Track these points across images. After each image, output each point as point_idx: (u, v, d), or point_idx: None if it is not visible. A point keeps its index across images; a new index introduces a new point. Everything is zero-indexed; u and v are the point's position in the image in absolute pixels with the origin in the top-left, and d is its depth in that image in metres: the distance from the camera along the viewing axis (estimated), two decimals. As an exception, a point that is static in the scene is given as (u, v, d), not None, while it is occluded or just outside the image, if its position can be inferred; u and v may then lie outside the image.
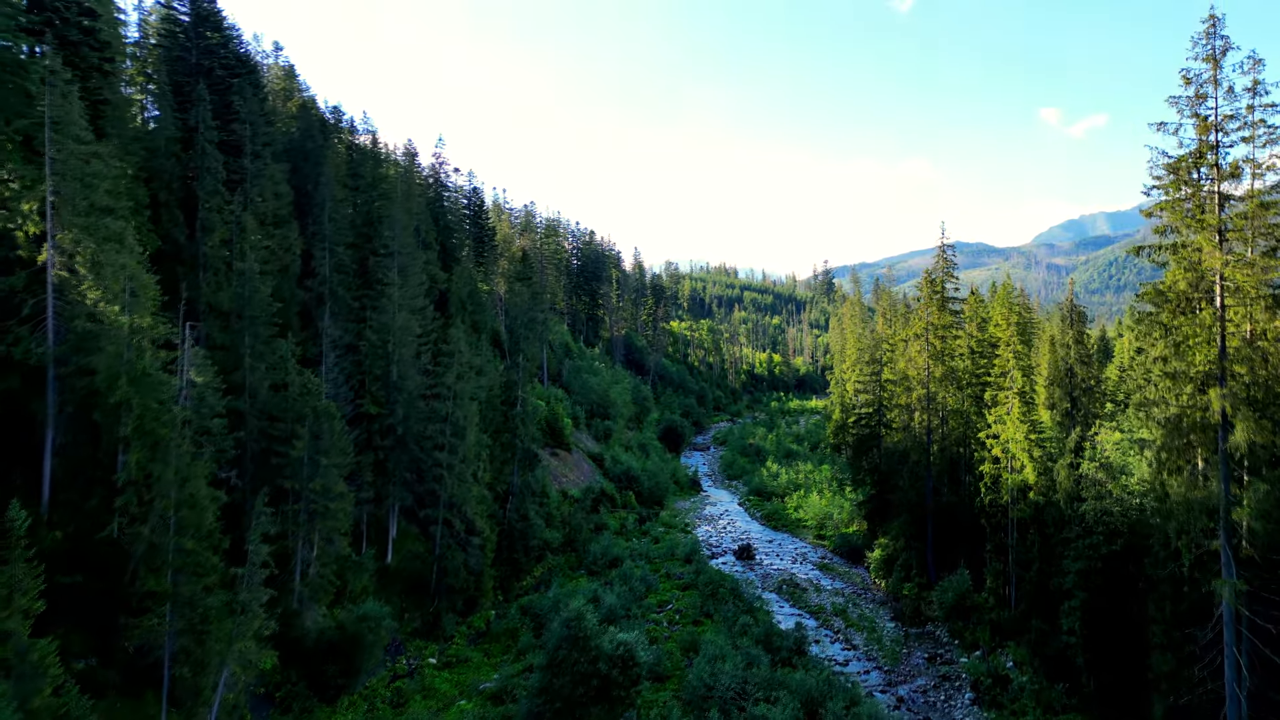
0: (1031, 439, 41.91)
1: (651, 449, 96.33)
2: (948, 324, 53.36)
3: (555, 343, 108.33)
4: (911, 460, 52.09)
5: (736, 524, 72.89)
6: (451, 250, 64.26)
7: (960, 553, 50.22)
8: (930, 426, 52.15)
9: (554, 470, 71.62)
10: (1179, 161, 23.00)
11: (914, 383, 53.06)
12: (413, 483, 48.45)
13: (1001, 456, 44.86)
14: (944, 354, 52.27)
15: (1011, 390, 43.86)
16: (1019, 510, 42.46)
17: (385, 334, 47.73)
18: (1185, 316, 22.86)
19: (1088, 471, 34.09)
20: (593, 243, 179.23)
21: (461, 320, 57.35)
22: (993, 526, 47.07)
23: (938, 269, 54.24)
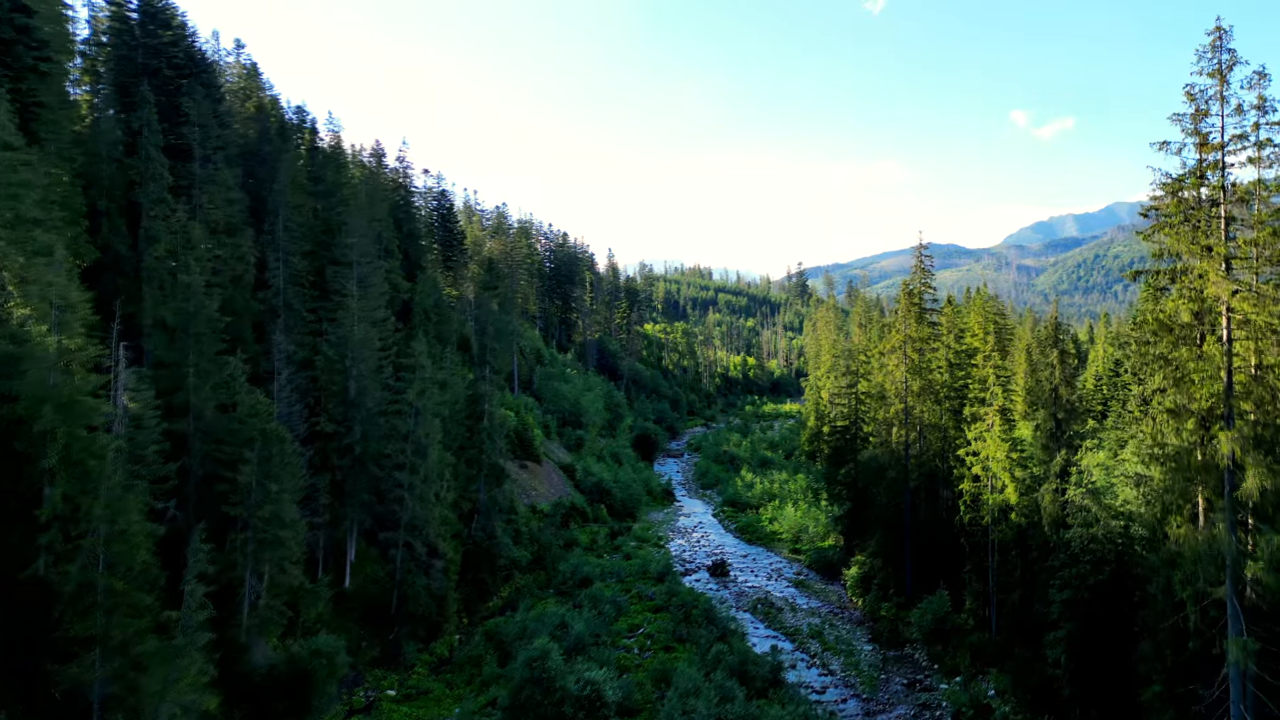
0: (1013, 458, 40.70)
1: (624, 458, 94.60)
2: (926, 336, 52.16)
3: (526, 349, 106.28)
4: (889, 477, 50.79)
5: (710, 537, 71.36)
6: (416, 257, 62.10)
7: (939, 571, 48.97)
8: (908, 441, 50.90)
9: (523, 483, 69.66)
10: (1181, 183, 21.67)
11: (892, 397, 51.77)
12: (372, 504, 46.31)
13: (982, 475, 43.64)
14: (922, 368, 51.03)
15: (992, 408, 42.65)
16: (1000, 532, 41.24)
17: (343, 348, 45.54)
18: (1187, 348, 21.51)
19: (1074, 498, 32.85)
20: (566, 245, 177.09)
21: (425, 331, 55.23)
22: (972, 546, 45.87)
23: (915, 280, 53.03)
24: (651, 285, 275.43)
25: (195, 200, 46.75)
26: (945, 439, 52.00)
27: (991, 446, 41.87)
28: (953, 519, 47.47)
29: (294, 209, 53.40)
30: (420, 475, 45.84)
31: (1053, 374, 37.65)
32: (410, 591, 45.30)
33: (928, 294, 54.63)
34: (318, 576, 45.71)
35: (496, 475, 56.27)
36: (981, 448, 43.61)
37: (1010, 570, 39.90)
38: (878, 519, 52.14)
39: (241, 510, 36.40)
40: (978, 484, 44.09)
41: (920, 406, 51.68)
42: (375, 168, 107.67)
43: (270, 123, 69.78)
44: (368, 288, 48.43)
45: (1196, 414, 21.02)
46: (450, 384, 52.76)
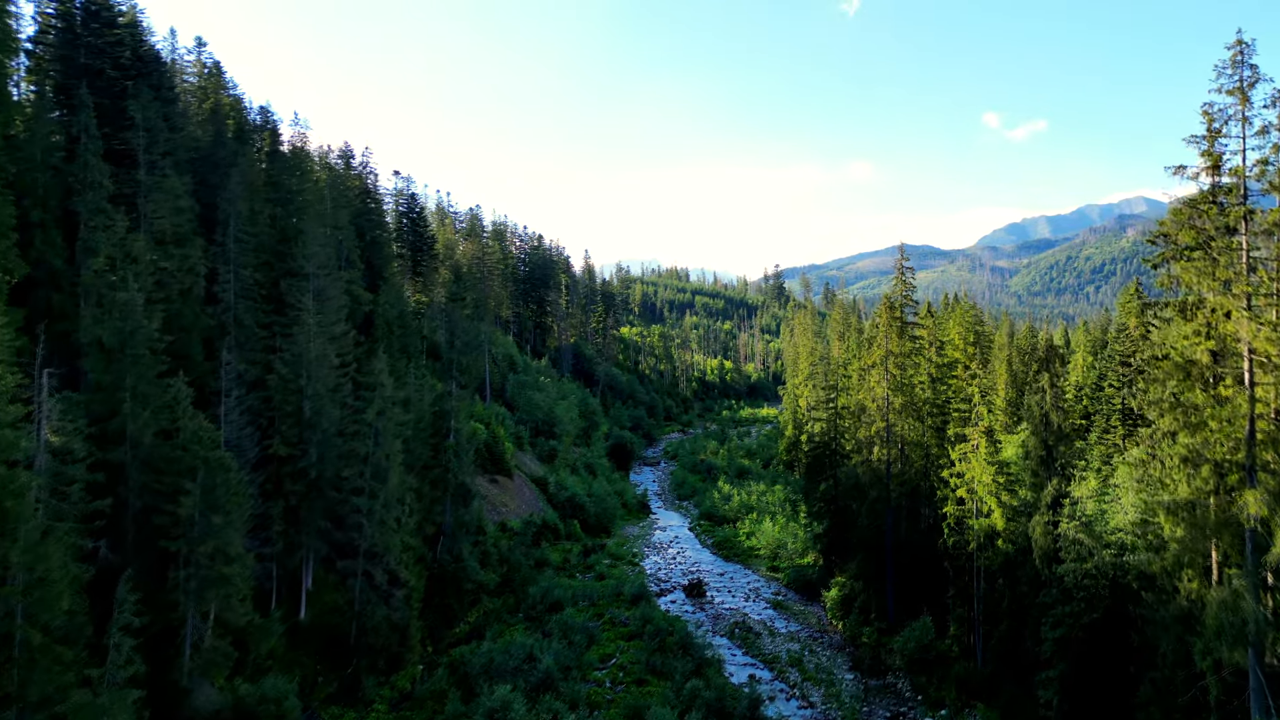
0: (999, 482, 39.13)
1: (599, 468, 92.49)
2: (908, 351, 50.58)
3: (499, 356, 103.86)
4: (871, 497, 49.12)
5: (687, 553, 69.46)
6: (379, 266, 59.66)
7: (922, 594, 47.41)
8: (890, 460, 49.27)
9: (493, 499, 67.36)
10: (1197, 211, 19.99)
11: (873, 413, 50.08)
12: (329, 530, 43.89)
13: (967, 498, 42.05)
14: (904, 384, 49.43)
15: (977, 429, 41.06)
16: (986, 558, 39.66)
17: (298, 366, 43.08)
18: (1202, 390, 19.84)
19: (1067, 531, 31.24)
20: (541, 247, 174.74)
21: (389, 345, 52.87)
22: (956, 570, 44.31)
23: (896, 292, 51.43)
24: (628, 288, 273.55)
25: (140, 209, 44.09)
26: (928, 457, 50.47)
27: (977, 469, 40.29)
28: (936, 541, 45.90)
29: (250, 217, 50.82)
30: (380, 500, 43.50)
31: (1043, 398, 36.10)
32: (370, 623, 42.94)
33: (909, 307, 53.06)
34: (271, 608, 43.26)
35: (463, 495, 53.99)
36: (966, 469, 42.04)
37: (997, 600, 38.33)
38: (859, 540, 50.47)
39: (183, 546, 33.95)
40: (962, 507, 42.51)
41: (902, 424, 50.11)
42: (344, 170, 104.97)
43: (227, 125, 67.00)
44: (325, 301, 45.98)
45: (1212, 462, 19.38)
46: (414, 401, 50.42)
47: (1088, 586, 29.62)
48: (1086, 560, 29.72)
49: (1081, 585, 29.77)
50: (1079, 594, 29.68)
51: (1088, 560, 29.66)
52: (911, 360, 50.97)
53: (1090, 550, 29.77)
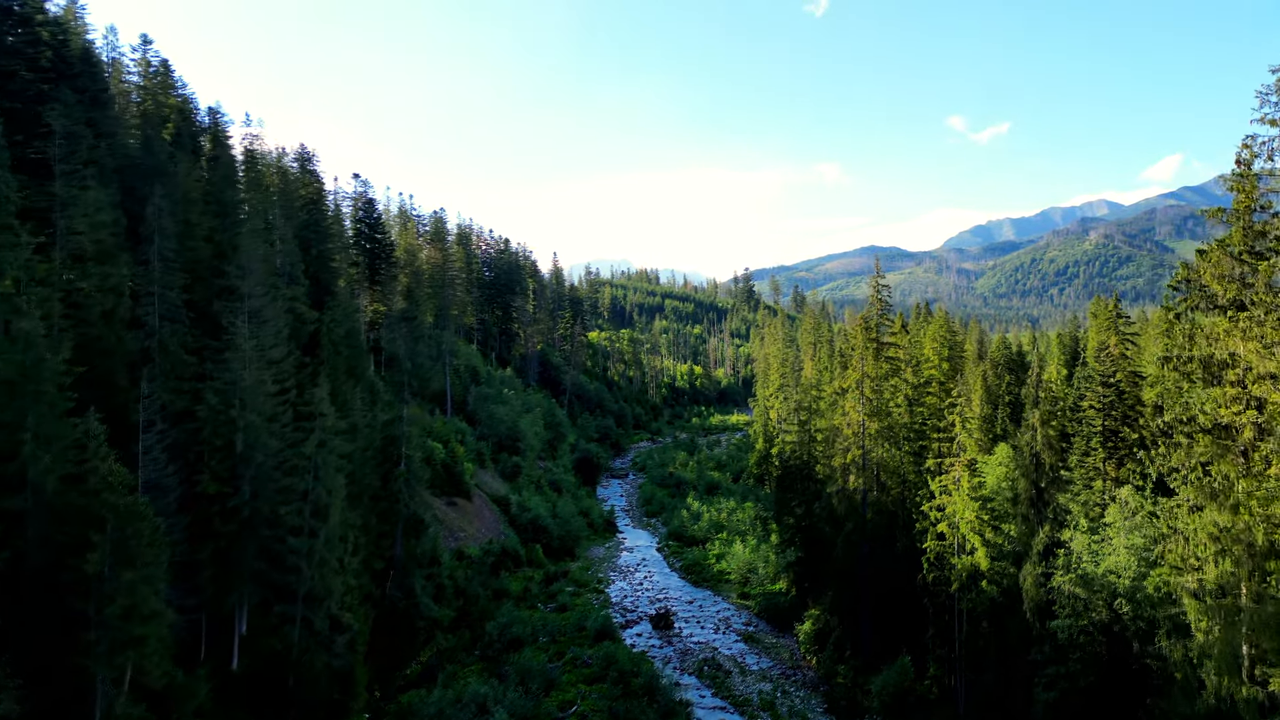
0: (983, 519, 36.82)
1: (564, 484, 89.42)
2: (884, 373, 48.26)
3: (461, 367, 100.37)
4: (846, 528, 46.70)
5: (654, 578, 66.71)
6: (327, 281, 56.19)
7: (900, 631, 45.08)
8: (866, 490, 46.90)
9: (450, 524, 64.09)
10: (1235, 259, 17.59)
11: (849, 440, 47.65)
12: (265, 572, 40.46)
13: (948, 533, 39.72)
14: (880, 409, 47.09)
15: (959, 460, 38.75)
16: (970, 600, 37.33)
17: (230, 395, 39.61)
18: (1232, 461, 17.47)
19: (1062, 585, 28.94)
20: (508, 251, 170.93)
21: (335, 366, 49.49)
22: (936, 607, 42.03)
23: (872, 312, 49.08)
24: (597, 291, 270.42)
25: (56, 224, 40.34)
26: (905, 484, 48.21)
27: (959, 504, 37.97)
28: (915, 575, 43.55)
29: (185, 230, 47.22)
30: (321, 540, 40.16)
31: (1033, 436, 33.84)
32: (308, 673, 39.61)
33: (884, 325, 50.77)
34: (199, 658, 39.84)
35: (415, 526, 50.75)
36: (947, 502, 39.72)
37: (981, 647, 36.02)
38: (833, 571, 48.05)
39: (91, 605, 30.51)
40: (942, 542, 40.18)
41: (878, 449, 47.76)
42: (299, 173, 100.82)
43: (165, 128, 63.09)
44: (262, 323, 42.52)
45: (1246, 544, 17.03)
46: (362, 427, 47.11)
47: (1084, 645, 27.33)
48: (1082, 616, 27.42)
49: (1076, 643, 27.48)
50: (1074, 654, 27.41)
51: (1083, 616, 27.37)
52: (888, 383, 48.67)
53: (1086, 603, 27.48)
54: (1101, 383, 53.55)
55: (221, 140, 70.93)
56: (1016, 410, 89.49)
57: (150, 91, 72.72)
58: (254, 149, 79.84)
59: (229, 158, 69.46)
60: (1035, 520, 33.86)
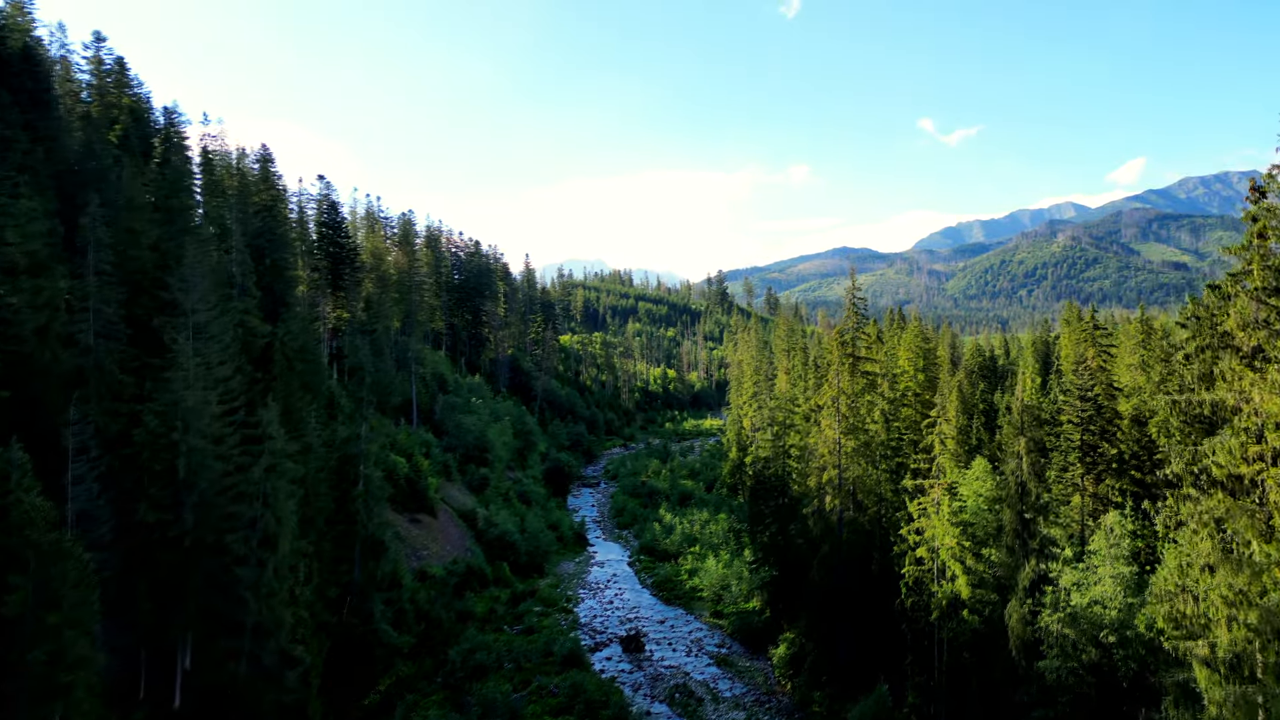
0: (965, 545, 35.45)
1: (534, 496, 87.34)
2: (860, 389, 46.85)
3: (428, 374, 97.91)
4: (823, 551, 45.21)
5: (625, 595, 64.89)
6: (281, 292, 53.74)
7: (879, 655, 43.64)
8: (842, 511, 45.44)
9: (413, 541, 61.85)
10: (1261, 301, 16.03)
11: (824, 459, 46.15)
12: (210, 605, 38.11)
13: (927, 558, 38.34)
14: (856, 426, 45.66)
15: (939, 483, 37.37)
16: (951, 629, 35.94)
17: (171, 417, 37.23)
18: (1249, 519, 16.01)
19: (1050, 624, 27.57)
20: (478, 253, 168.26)
21: (289, 383, 47.14)
22: (915, 633, 40.60)
23: (848, 324, 47.67)
24: (569, 294, 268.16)
25: (-17, 234, 37.68)
26: (882, 502, 46.88)
27: (939, 529, 36.58)
28: (892, 599, 42.15)
29: (127, 240, 44.71)
30: (269, 569, 37.88)
31: (1019, 465, 32.50)
32: (257, 711, 37.37)
33: (860, 338, 49.41)
34: (139, 699, 37.52)
35: (374, 549, 48.55)
36: (926, 525, 38.33)
37: (963, 680, 34.63)
38: (809, 594, 46.53)
39: (12, 652, 28.15)
40: (921, 567, 38.79)
41: (855, 468, 46.33)
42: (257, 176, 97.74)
43: (113, 130, 60.27)
44: (207, 339, 40.10)
45: (1264, 611, 15.57)
46: (316, 446, 44.84)
47: (1073, 686, 25.96)
48: (1071, 657, 26.06)
49: (1065, 685, 26.11)
50: (1063, 696, 26.03)
51: (1072, 657, 26.00)
52: (864, 399, 47.29)
53: (1075, 644, 26.12)
54: (1080, 396, 52.53)
55: (174, 142, 68.03)
56: (991, 418, 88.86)
57: (102, 91, 69.71)
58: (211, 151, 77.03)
59: (180, 160, 66.58)
60: (1021, 553, 32.51)
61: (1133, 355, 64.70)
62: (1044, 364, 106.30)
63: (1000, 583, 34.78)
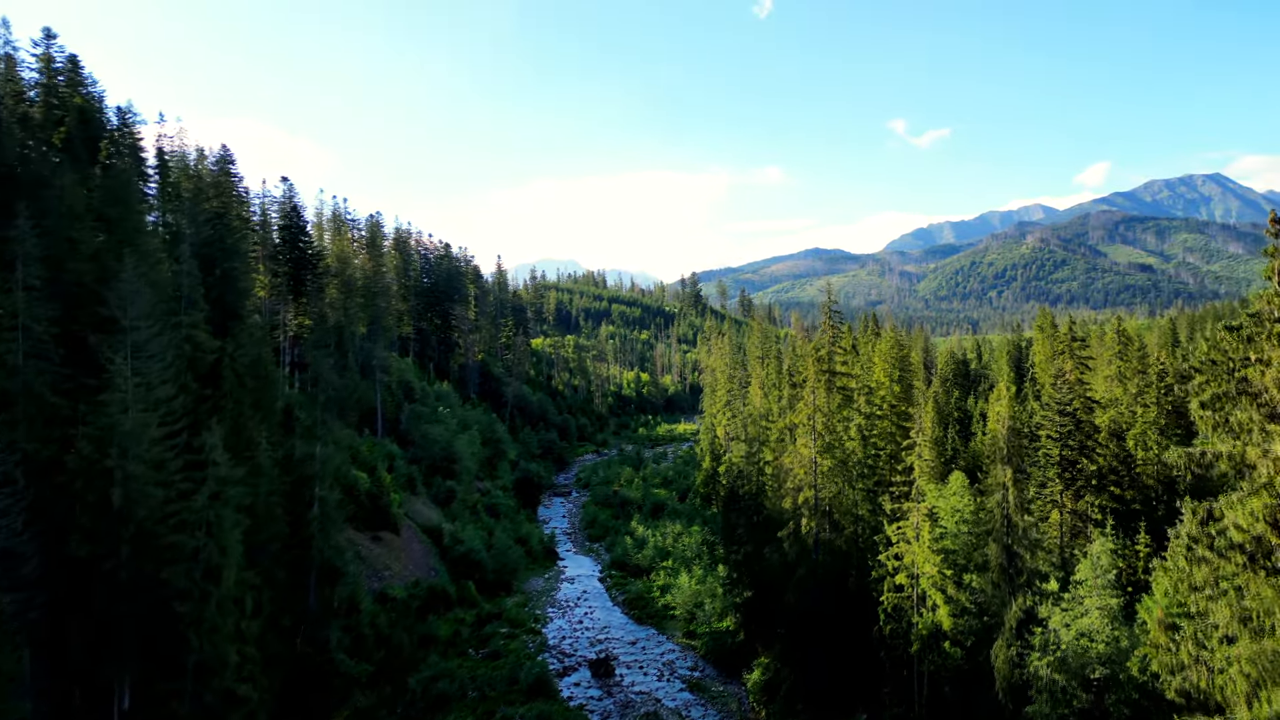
0: (946, 573, 34.03)
1: (503, 508, 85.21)
2: (836, 405, 45.40)
3: (394, 383, 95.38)
4: (798, 574, 43.67)
5: (595, 613, 63.03)
6: (233, 304, 51.30)
7: (857, 682, 42.17)
8: (818, 534, 43.93)
9: (374, 561, 59.54)
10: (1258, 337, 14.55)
11: (800, 479, 44.58)
12: (148, 643, 35.74)
13: (906, 585, 36.92)
14: (833, 444, 44.18)
15: (919, 507, 35.95)
16: (932, 661, 34.52)
17: (107, 443, 34.82)
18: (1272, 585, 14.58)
19: (1039, 669, 26.16)
20: (448, 256, 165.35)
21: (240, 400, 44.77)
22: (893, 661, 39.20)
23: (824, 341, 46.17)
24: (542, 297, 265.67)
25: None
26: (859, 521, 45.46)
27: (919, 556, 35.15)
28: (871, 624, 40.72)
29: (65, 252, 42.12)
30: (212, 604, 35.58)
31: (1004, 496, 31.10)
32: (199, 756, 35.05)
33: (837, 354, 47.96)
34: (72, 744, 35.04)
35: (330, 575, 46.30)
36: (905, 551, 36.92)
37: (945, 717, 33.18)
38: (784, 619, 45.01)
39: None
40: (900, 594, 37.37)
41: (831, 487, 44.86)
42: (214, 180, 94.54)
43: (58, 133, 57.37)
44: (148, 358, 37.67)
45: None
46: (266, 469, 42.52)
47: (1063, 734, 24.56)
48: (1061, 703, 24.66)
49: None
50: (1053, 744, 24.61)
51: (1062, 704, 24.60)
52: (840, 414, 45.84)
53: (1065, 689, 24.72)
54: (1059, 411, 51.49)
55: (126, 144, 65.13)
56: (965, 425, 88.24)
57: (51, 90, 66.57)
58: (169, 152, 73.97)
59: (134, 163, 63.75)
60: (1007, 588, 31.13)
61: (1109, 367, 64.04)
62: (1017, 370, 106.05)
63: (984, 614, 33.40)
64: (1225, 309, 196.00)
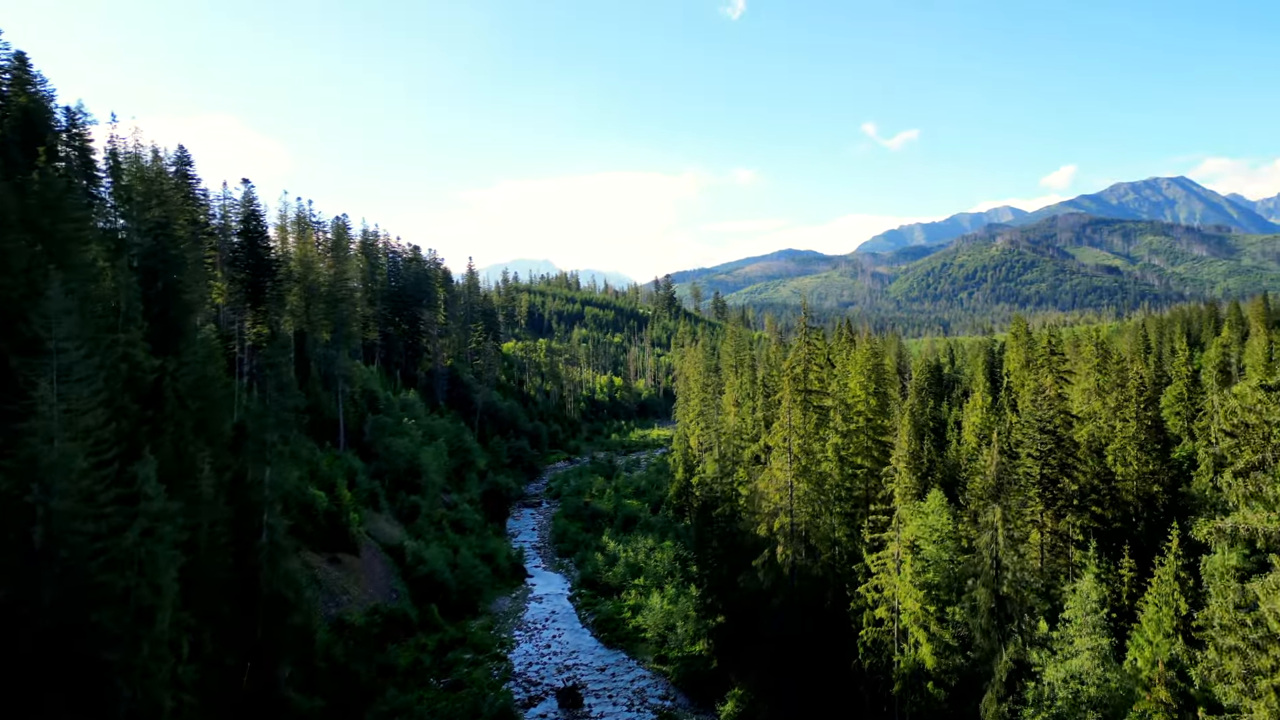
0: (929, 610, 32.31)
1: (469, 523, 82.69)
2: (813, 426, 43.62)
3: (357, 393, 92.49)
4: (774, 604, 41.82)
5: (564, 636, 60.83)
6: (177, 319, 48.38)
7: (835, 715, 40.43)
8: (795, 561, 42.10)
9: (331, 585, 56.90)
10: None
11: (774, 503, 42.73)
12: (77, 693, 33.07)
13: (887, 619, 35.18)
14: (809, 468, 42.39)
15: (900, 537, 34.22)
16: (914, 704, 32.79)
17: (28, 476, 32.11)
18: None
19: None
20: (417, 259, 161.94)
21: (182, 423, 42.07)
22: (874, 698, 37.47)
23: (799, 358, 44.38)
24: (514, 299, 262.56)
25: None
26: (836, 546, 43.73)
27: (901, 590, 33.42)
28: (850, 658, 38.98)
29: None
30: (145, 649, 33.02)
31: (994, 537, 29.42)
32: (129, 815, 32.43)
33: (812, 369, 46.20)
34: (-13, 804, 32.23)
35: (279, 607, 43.70)
36: (886, 583, 35.19)
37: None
38: (760, 650, 43.13)
39: None
40: (880, 629, 35.63)
41: (807, 508, 43.08)
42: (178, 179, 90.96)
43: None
44: (75, 382, 34.95)
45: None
46: (207, 498, 39.88)
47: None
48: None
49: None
50: (1047, 807, 22.92)
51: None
52: (817, 435, 44.08)
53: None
54: (1039, 429, 50.08)
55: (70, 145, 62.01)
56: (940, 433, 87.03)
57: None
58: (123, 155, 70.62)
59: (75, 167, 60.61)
60: (997, 636, 29.47)
61: (1088, 380, 62.99)
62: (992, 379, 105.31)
63: (968, 649, 31.72)
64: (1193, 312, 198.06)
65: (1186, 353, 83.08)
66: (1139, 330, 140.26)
